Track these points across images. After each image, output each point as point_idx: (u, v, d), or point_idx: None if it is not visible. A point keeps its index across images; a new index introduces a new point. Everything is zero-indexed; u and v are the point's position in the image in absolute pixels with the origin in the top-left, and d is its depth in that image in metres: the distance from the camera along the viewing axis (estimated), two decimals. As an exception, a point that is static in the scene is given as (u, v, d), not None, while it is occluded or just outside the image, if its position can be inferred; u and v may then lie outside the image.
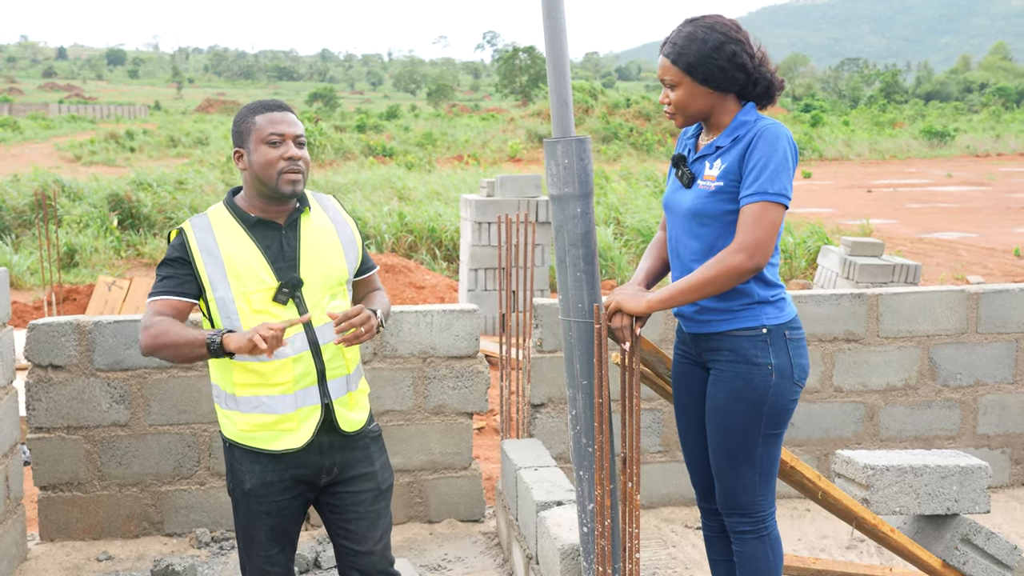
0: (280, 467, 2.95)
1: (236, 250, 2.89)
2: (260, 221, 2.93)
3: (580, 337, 3.01)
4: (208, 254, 2.88)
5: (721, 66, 2.95)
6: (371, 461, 3.07)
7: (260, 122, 2.90)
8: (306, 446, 2.93)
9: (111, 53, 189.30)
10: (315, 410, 2.94)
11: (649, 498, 5.19)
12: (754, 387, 2.99)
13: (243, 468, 2.96)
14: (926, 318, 5.27)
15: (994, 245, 16.50)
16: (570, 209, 3.01)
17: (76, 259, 14.33)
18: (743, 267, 2.88)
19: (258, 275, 2.87)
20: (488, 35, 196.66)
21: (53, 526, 4.75)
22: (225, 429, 2.99)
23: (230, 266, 2.87)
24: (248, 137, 2.92)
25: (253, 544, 3.02)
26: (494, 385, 7.67)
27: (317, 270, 2.94)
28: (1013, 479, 5.48)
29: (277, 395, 2.90)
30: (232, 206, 2.97)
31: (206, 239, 2.90)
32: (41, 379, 4.64)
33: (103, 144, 38.24)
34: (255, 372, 2.88)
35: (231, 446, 2.99)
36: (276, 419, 2.91)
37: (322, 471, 3.00)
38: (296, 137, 2.91)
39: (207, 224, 2.93)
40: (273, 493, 2.96)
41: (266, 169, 2.88)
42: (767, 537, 3.11)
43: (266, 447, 2.93)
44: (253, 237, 2.91)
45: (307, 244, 2.95)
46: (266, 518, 2.98)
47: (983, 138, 43.60)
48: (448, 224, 15.19)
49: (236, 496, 3.01)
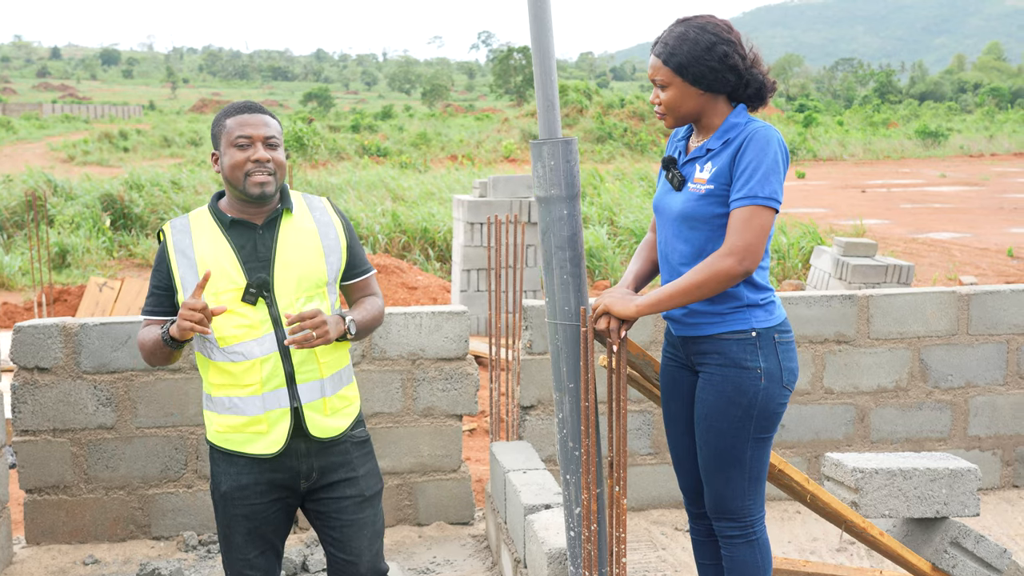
0: (256, 470, 2.95)
1: (210, 251, 2.91)
2: (236, 221, 2.94)
3: (567, 340, 2.99)
4: (182, 255, 2.92)
5: (712, 67, 2.92)
6: (352, 467, 3.03)
7: (230, 125, 2.91)
8: (280, 451, 2.92)
9: (105, 53, 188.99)
10: (284, 414, 2.92)
11: (639, 500, 5.17)
12: (743, 391, 2.97)
13: (220, 470, 2.98)
14: (917, 319, 5.26)
15: (987, 245, 16.51)
16: (556, 211, 2.99)
17: (68, 260, 14.29)
18: (733, 271, 2.86)
19: (228, 275, 2.88)
20: (483, 35, 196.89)
21: (39, 529, 4.72)
22: (207, 430, 3.02)
23: (202, 267, 2.89)
24: (220, 140, 2.95)
25: (231, 547, 3.02)
26: (485, 386, 7.65)
27: (291, 271, 2.92)
28: (1004, 481, 5.47)
29: (246, 396, 2.90)
30: (213, 208, 2.99)
31: (182, 241, 2.93)
32: (27, 381, 4.61)
33: (97, 144, 38.18)
34: (227, 372, 2.90)
35: (212, 448, 3.02)
36: (246, 421, 2.91)
37: (300, 476, 2.98)
38: (266, 139, 2.90)
39: (186, 226, 2.97)
40: (249, 496, 2.95)
41: (233, 171, 2.89)
42: (756, 542, 3.09)
43: (240, 449, 2.94)
44: (228, 237, 2.93)
45: (283, 245, 2.93)
46: (243, 520, 2.97)
47: (977, 138, 43.68)
48: (441, 224, 15.17)
49: (215, 498, 3.02)
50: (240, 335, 2.87)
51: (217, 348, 2.89)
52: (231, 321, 2.87)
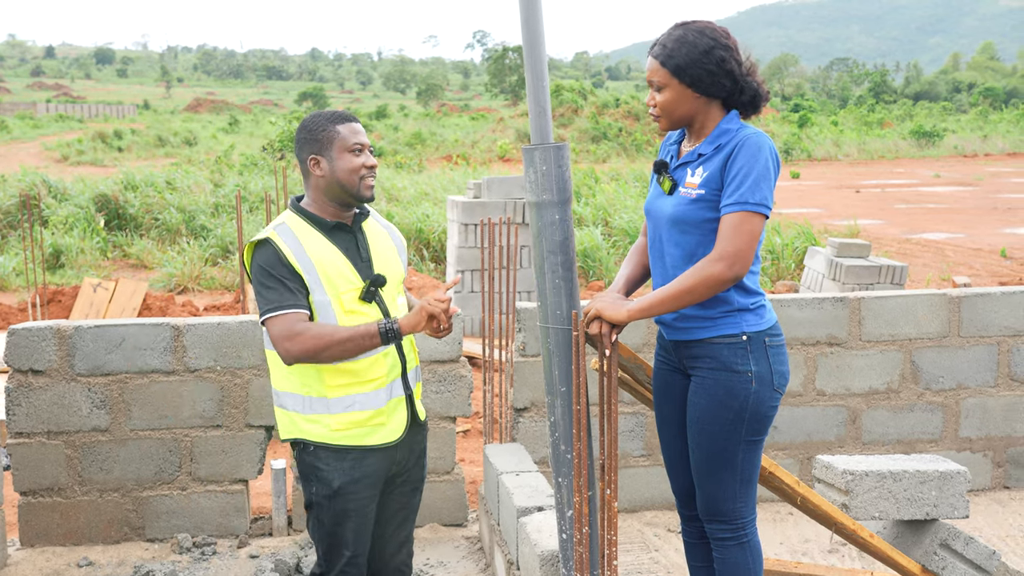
0: (369, 462, 3.07)
1: (323, 254, 3.03)
2: (336, 225, 3.10)
3: (558, 344, 3.01)
4: (302, 259, 3.01)
5: (710, 70, 2.95)
6: (423, 451, 3.28)
7: (344, 132, 3.07)
8: (400, 439, 3.11)
9: (99, 52, 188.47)
10: (401, 402, 3.13)
11: (632, 502, 5.19)
12: (735, 394, 3.00)
13: (330, 468, 3.05)
14: (908, 322, 5.28)
15: (981, 245, 16.56)
16: (548, 216, 3.00)
17: (62, 260, 14.27)
18: (723, 276, 2.89)
19: (346, 276, 3.04)
20: (478, 35, 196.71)
21: (33, 532, 4.73)
22: (309, 434, 3.05)
23: (321, 270, 3.01)
24: (330, 145, 3.06)
25: (339, 545, 3.09)
26: (479, 387, 7.67)
27: (389, 269, 3.16)
28: (995, 482, 5.50)
29: (371, 391, 3.06)
30: (304, 213, 3.10)
31: (294, 246, 3.02)
32: (21, 384, 4.62)
33: (91, 144, 38.10)
34: (349, 372, 3.02)
35: (315, 449, 3.06)
36: (370, 415, 3.05)
37: (394, 464, 3.15)
38: (370, 147, 3.12)
39: (290, 231, 3.05)
40: (361, 489, 3.07)
41: (350, 176, 3.06)
42: (747, 544, 3.11)
43: (360, 443, 3.05)
44: (332, 240, 3.08)
45: (374, 246, 3.16)
46: (354, 516, 3.08)
47: (971, 138, 43.75)
48: (436, 225, 15.18)
49: (321, 498, 3.07)
50: None
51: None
52: (352, 320, 3.01)
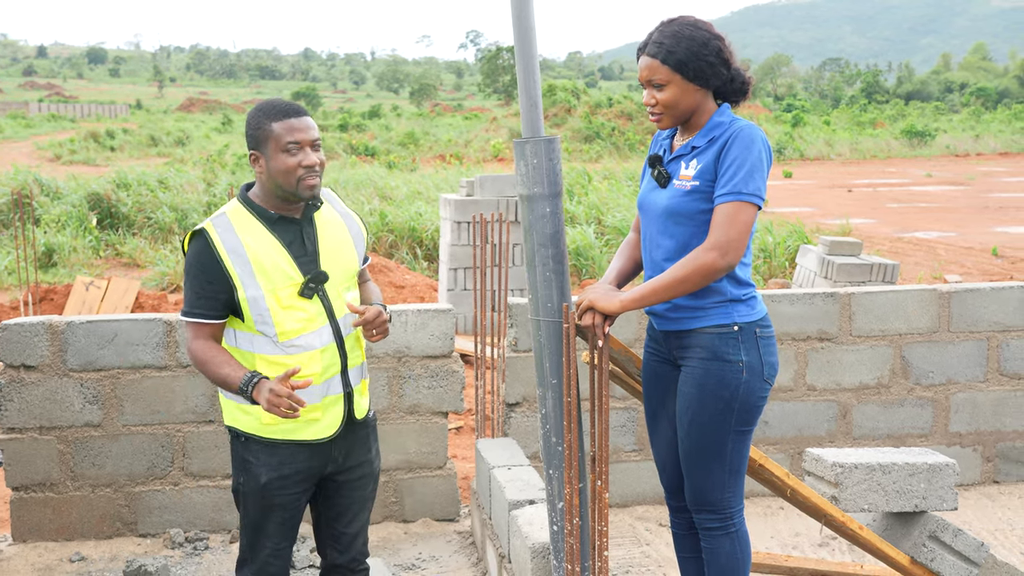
0: (299, 458, 3.01)
1: (260, 248, 2.92)
2: (281, 217, 2.98)
3: (549, 337, 3.03)
4: (235, 254, 2.90)
5: (710, 61, 2.99)
6: (369, 447, 3.18)
7: (278, 129, 2.90)
8: (334, 436, 3.03)
9: (92, 52, 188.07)
10: (338, 399, 3.04)
11: (623, 496, 5.21)
12: (725, 384, 3.01)
13: (259, 462, 3.00)
14: (899, 317, 5.31)
15: (972, 244, 16.61)
16: (539, 209, 3.02)
17: (54, 259, 14.24)
18: (715, 265, 2.90)
19: (283, 270, 2.93)
20: (471, 34, 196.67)
21: (25, 527, 4.73)
22: (241, 423, 3.01)
23: (257, 264, 2.91)
24: (265, 143, 2.92)
25: (263, 536, 3.05)
26: (471, 384, 7.68)
27: (336, 263, 3.02)
28: (984, 476, 5.52)
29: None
30: (249, 203, 2.99)
31: (230, 239, 2.91)
32: (13, 379, 4.62)
33: (83, 143, 38.01)
34: (282, 365, 2.93)
35: (247, 440, 3.02)
36: (303, 410, 2.94)
37: (330, 460, 3.08)
38: (313, 142, 2.94)
39: (228, 224, 2.94)
40: (289, 485, 3.02)
41: (285, 176, 2.91)
42: (735, 534, 3.13)
43: (290, 437, 2.99)
44: (274, 233, 2.95)
45: (324, 238, 3.02)
46: (280, 510, 3.04)
47: (963, 138, 43.85)
48: (429, 224, 15.18)
49: (247, 490, 3.04)
50: (299, 329, 2.94)
51: (275, 343, 2.94)
52: (290, 316, 2.93)
